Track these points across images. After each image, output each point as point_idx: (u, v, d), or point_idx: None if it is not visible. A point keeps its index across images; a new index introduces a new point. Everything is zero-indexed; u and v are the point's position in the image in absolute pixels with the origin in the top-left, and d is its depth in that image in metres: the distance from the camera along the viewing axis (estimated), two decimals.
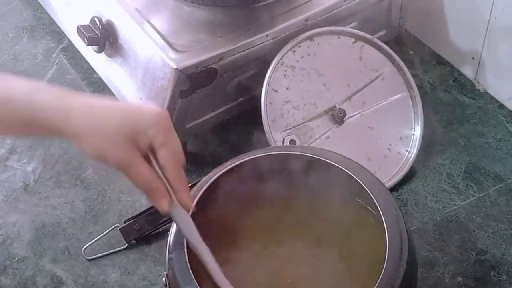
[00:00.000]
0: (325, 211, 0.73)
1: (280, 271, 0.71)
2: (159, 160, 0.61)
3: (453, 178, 0.93)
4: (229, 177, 0.71)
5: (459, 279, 0.82)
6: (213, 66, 0.88)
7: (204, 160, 0.98)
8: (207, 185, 0.69)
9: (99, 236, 0.87)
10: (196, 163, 0.97)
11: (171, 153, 0.61)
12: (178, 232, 0.66)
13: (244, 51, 0.90)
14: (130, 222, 0.87)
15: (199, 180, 0.71)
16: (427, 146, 0.95)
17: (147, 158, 0.61)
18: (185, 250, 0.64)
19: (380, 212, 0.65)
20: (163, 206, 0.63)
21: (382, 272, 0.61)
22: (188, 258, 0.63)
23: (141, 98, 0.92)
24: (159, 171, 0.62)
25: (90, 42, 0.96)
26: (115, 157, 0.60)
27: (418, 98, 0.96)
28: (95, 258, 0.86)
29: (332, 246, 0.72)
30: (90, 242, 0.87)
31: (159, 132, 0.60)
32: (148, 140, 0.60)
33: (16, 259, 0.86)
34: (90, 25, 0.97)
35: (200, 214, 0.69)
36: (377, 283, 0.60)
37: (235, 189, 0.74)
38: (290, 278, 0.71)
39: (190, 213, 0.64)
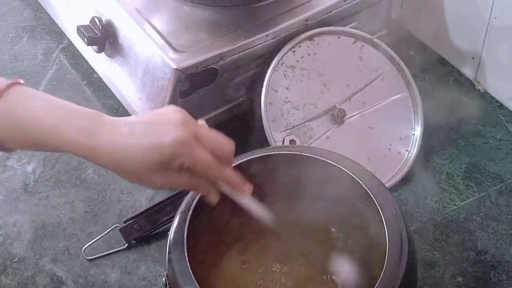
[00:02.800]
0: (325, 211, 0.73)
1: (279, 270, 0.71)
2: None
3: (453, 178, 0.93)
4: None
5: (459, 279, 0.82)
6: (213, 66, 0.88)
7: None
8: None
9: (99, 236, 0.87)
10: None
11: (203, 168, 0.61)
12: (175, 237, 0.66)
13: (244, 51, 0.90)
14: (130, 222, 0.87)
15: None
16: (427, 146, 0.95)
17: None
18: (185, 250, 0.64)
19: (380, 212, 0.65)
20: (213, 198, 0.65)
21: (382, 272, 0.61)
22: (188, 258, 0.63)
23: (141, 98, 0.93)
24: None
25: (90, 42, 0.96)
26: (154, 185, 0.61)
27: (418, 98, 0.96)
28: (95, 258, 0.86)
29: (331, 246, 0.72)
30: (90, 242, 0.87)
31: (184, 159, 0.59)
32: (178, 167, 0.60)
33: (16, 259, 0.86)
34: (90, 25, 0.97)
35: (199, 214, 0.69)
36: (377, 283, 0.60)
37: None
38: (289, 277, 0.71)
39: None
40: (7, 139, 0.61)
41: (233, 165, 0.71)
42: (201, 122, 0.64)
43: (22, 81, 0.62)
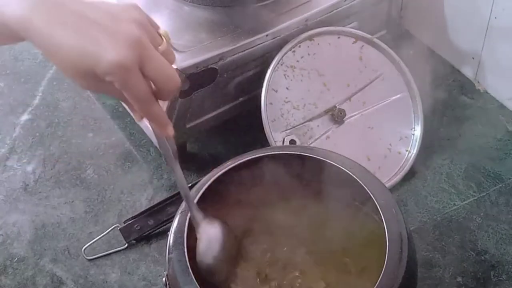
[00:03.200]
0: (325, 211, 0.73)
1: (278, 270, 0.71)
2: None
3: (453, 178, 0.93)
4: (229, 177, 0.71)
5: (459, 279, 0.82)
6: (213, 66, 0.88)
7: (204, 160, 0.98)
8: (207, 185, 0.69)
9: (99, 236, 0.87)
10: (196, 163, 0.97)
11: (132, 96, 0.55)
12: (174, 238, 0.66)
13: (244, 51, 0.90)
14: (130, 222, 0.87)
15: (199, 180, 0.71)
16: (427, 146, 0.95)
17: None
18: (185, 250, 0.64)
19: (380, 212, 0.65)
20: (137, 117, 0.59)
21: (382, 272, 0.61)
22: (188, 258, 0.63)
23: None
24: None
25: None
26: (81, 86, 0.56)
27: (418, 98, 0.96)
28: (95, 258, 0.86)
29: (331, 245, 0.72)
30: (90, 242, 0.87)
31: (116, 81, 0.54)
32: (109, 82, 0.54)
33: (16, 259, 0.86)
34: None
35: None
36: (377, 283, 0.60)
37: (235, 189, 0.74)
38: (288, 277, 0.71)
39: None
40: None
41: (234, 164, 0.71)
42: (162, 31, 0.58)
43: None
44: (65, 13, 0.53)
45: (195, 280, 0.62)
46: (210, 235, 0.67)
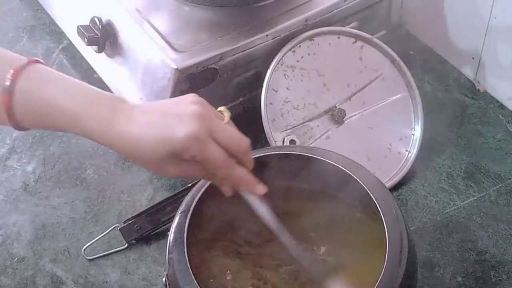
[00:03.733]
0: (325, 211, 0.73)
1: (278, 270, 0.71)
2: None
3: (453, 178, 0.93)
4: None
5: (459, 279, 0.82)
6: (213, 66, 0.88)
7: None
8: (207, 184, 0.69)
9: (99, 236, 0.87)
10: None
11: (214, 165, 0.61)
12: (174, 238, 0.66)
13: (244, 51, 0.90)
14: (130, 222, 0.87)
15: (199, 180, 0.71)
16: (427, 146, 0.95)
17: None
18: (185, 250, 0.64)
19: (380, 212, 0.65)
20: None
21: (382, 272, 0.61)
22: (188, 258, 0.63)
23: (141, 98, 0.92)
24: None
25: (90, 42, 0.96)
26: (168, 174, 0.62)
27: (418, 98, 0.96)
28: (95, 258, 0.86)
29: (331, 245, 0.72)
30: (90, 242, 0.87)
31: (195, 153, 0.60)
32: (190, 158, 0.61)
33: (16, 259, 0.86)
34: (90, 25, 0.97)
35: (199, 214, 0.69)
36: (377, 283, 0.60)
37: (234, 189, 0.73)
38: (288, 277, 0.71)
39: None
40: (23, 120, 0.61)
41: None
42: (222, 108, 0.65)
43: (38, 59, 0.63)
44: (138, 114, 0.61)
45: (195, 280, 0.62)
46: None
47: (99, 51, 0.98)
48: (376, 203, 0.66)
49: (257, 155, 0.72)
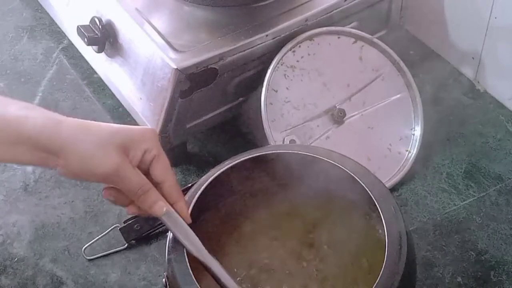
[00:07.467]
0: (325, 210, 0.74)
1: (278, 269, 0.71)
2: (153, 172, 0.65)
3: (453, 178, 0.93)
4: (228, 177, 0.71)
5: (459, 279, 0.82)
6: (213, 66, 0.88)
7: (204, 160, 0.98)
8: (206, 184, 0.69)
9: (99, 236, 0.87)
10: (196, 163, 0.97)
11: (166, 166, 0.65)
12: (174, 239, 0.66)
13: (244, 51, 0.90)
14: (130, 222, 0.87)
15: (199, 180, 0.71)
16: (427, 146, 0.95)
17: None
18: (185, 250, 0.64)
19: (380, 212, 0.65)
20: (158, 208, 0.65)
21: (382, 272, 0.61)
22: (188, 258, 0.63)
23: (141, 98, 0.93)
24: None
25: (90, 42, 0.96)
26: (105, 163, 0.61)
27: (418, 98, 0.96)
28: (95, 258, 0.86)
29: (331, 245, 0.72)
30: (90, 242, 0.87)
31: (153, 146, 0.64)
32: (140, 154, 0.63)
33: (16, 259, 0.86)
34: (90, 25, 0.97)
35: (199, 214, 0.69)
36: (377, 282, 0.60)
37: (234, 189, 0.74)
38: (290, 275, 0.71)
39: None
40: None
41: (233, 164, 0.71)
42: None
43: None
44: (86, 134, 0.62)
45: (195, 280, 0.62)
46: None
47: (99, 51, 0.98)
48: (376, 203, 0.66)
49: (256, 155, 0.72)
